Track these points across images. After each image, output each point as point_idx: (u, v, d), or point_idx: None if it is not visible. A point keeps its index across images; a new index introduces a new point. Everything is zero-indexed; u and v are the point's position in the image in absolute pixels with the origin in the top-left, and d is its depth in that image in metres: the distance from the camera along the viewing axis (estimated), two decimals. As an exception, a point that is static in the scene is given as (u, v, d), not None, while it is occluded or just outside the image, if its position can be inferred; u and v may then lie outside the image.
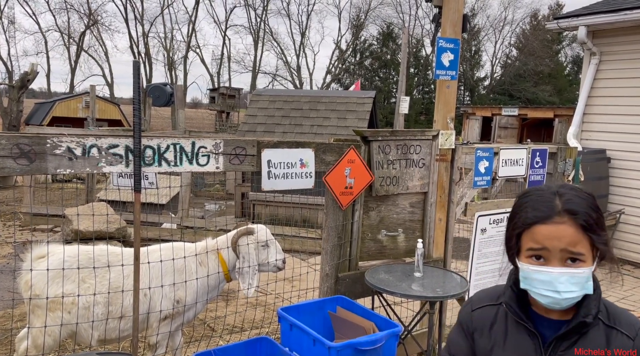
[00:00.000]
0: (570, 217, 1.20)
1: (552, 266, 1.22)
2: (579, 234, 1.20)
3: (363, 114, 9.10)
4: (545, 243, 1.21)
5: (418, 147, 3.59)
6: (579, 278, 1.21)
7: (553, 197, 1.24)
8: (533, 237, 1.23)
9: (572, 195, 1.24)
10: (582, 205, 1.22)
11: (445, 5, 3.60)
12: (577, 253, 1.20)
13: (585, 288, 1.23)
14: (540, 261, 1.24)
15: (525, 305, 1.32)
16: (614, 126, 7.14)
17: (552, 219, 1.21)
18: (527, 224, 1.24)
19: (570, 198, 1.23)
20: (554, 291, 1.21)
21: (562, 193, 1.25)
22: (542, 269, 1.22)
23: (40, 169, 2.34)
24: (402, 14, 40.20)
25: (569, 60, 41.14)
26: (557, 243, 1.20)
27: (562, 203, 1.23)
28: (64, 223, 5.87)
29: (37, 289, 2.78)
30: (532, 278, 1.24)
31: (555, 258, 1.21)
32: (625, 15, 6.52)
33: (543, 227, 1.22)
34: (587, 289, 1.23)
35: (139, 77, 2.60)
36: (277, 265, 3.21)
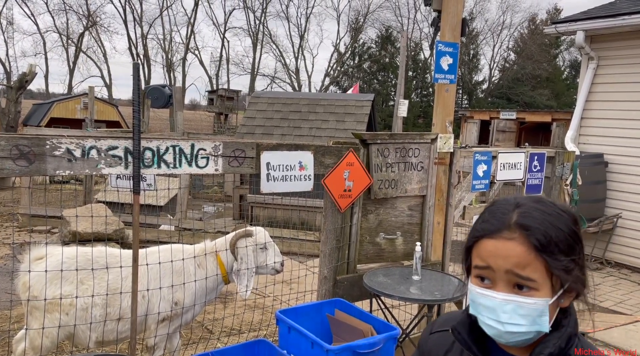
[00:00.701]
0: (522, 233, 0.99)
1: (497, 290, 1.01)
2: (529, 254, 0.98)
3: (362, 117, 9.11)
4: (489, 260, 1.01)
5: (417, 151, 3.60)
6: (527, 309, 0.99)
7: (511, 208, 1.04)
8: (479, 253, 1.04)
9: (532, 208, 1.03)
10: (540, 220, 1.00)
11: (444, 9, 3.62)
12: (526, 278, 0.98)
13: (537, 323, 1.00)
14: (485, 283, 1.03)
15: (483, 334, 1.08)
16: (611, 130, 7.17)
17: (501, 233, 1.01)
18: (475, 237, 1.06)
19: (528, 211, 1.02)
20: (496, 321, 1.01)
21: (521, 204, 1.05)
22: (486, 292, 1.02)
23: (39, 170, 2.34)
24: (400, 17, 40.33)
25: (567, 64, 41.28)
26: (502, 262, 0.99)
27: (517, 215, 1.02)
28: (62, 224, 5.86)
29: (35, 290, 2.78)
30: (478, 302, 1.04)
31: (501, 281, 1.00)
32: (623, 20, 6.55)
33: (489, 242, 1.02)
34: (539, 326, 1.00)
35: (139, 79, 2.61)
36: (275, 268, 3.21)
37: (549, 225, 1.00)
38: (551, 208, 1.04)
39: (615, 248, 7.20)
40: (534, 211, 1.03)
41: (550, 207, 1.04)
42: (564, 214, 1.04)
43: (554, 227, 1.00)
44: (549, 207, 1.04)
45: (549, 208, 1.04)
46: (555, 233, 1.00)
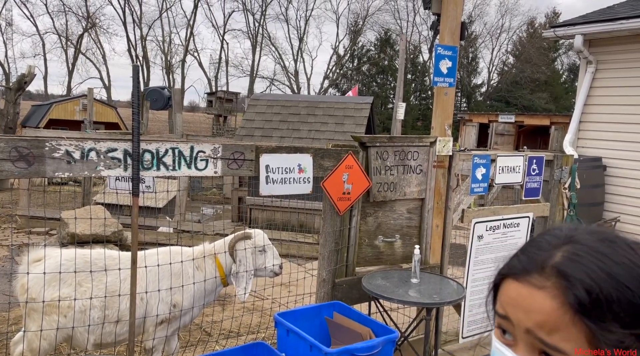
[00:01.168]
0: (559, 281, 0.69)
1: (516, 352, 0.74)
2: (563, 315, 0.68)
3: (361, 119, 9.13)
4: (509, 310, 0.74)
5: (416, 154, 3.61)
6: None
7: (558, 243, 0.74)
8: (500, 296, 0.78)
9: (589, 248, 0.71)
10: (593, 268, 0.68)
11: (443, 12, 3.63)
12: (553, 347, 0.69)
13: None
14: (506, 338, 0.76)
15: None
16: (610, 134, 7.19)
17: (529, 275, 0.73)
18: (500, 274, 0.79)
19: (579, 252, 0.71)
20: None
21: (576, 240, 0.73)
22: (503, 350, 0.76)
23: (38, 172, 2.34)
24: (399, 20, 40.42)
25: (565, 68, 41.41)
26: (523, 317, 0.72)
27: (561, 254, 0.72)
28: (60, 226, 5.85)
29: (33, 292, 2.77)
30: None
31: (522, 341, 0.73)
32: (621, 25, 6.57)
33: (512, 285, 0.75)
34: None
35: (138, 81, 2.61)
36: (274, 270, 3.21)
37: (605, 277, 0.67)
38: (623, 252, 0.70)
39: (613, 251, 7.21)
40: (589, 253, 0.70)
41: (620, 251, 0.71)
42: (629, 264, 0.70)
43: (615, 282, 0.67)
44: (618, 251, 0.71)
45: (619, 252, 0.70)
46: (613, 290, 0.67)
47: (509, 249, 4.04)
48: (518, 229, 4.08)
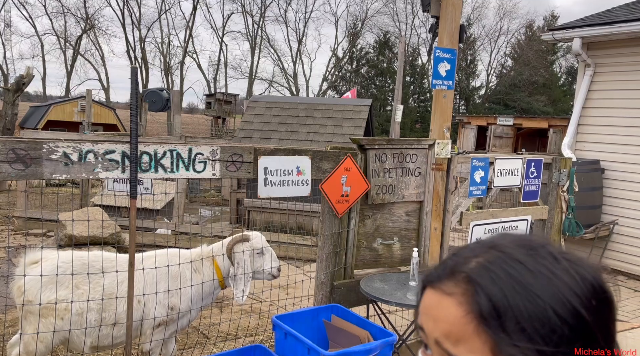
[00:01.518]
0: (467, 288, 0.63)
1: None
2: (467, 323, 0.62)
3: (359, 122, 9.13)
4: (422, 319, 0.69)
5: (414, 156, 3.60)
6: None
7: (480, 250, 0.68)
8: (419, 307, 0.71)
9: (509, 256, 0.64)
10: (506, 276, 0.62)
11: (442, 15, 3.63)
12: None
13: None
14: (427, 353, 0.69)
15: None
16: (608, 137, 7.19)
17: (441, 282, 0.67)
18: (421, 282, 0.72)
19: (497, 260, 0.64)
20: None
21: (499, 247, 0.67)
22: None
23: (35, 174, 2.33)
24: (398, 22, 40.48)
25: (564, 71, 41.52)
26: (432, 327, 0.66)
27: (477, 261, 0.65)
28: (58, 228, 5.83)
29: (29, 295, 2.76)
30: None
31: (434, 354, 0.67)
32: (619, 28, 6.58)
33: (428, 292, 0.69)
34: None
35: (136, 83, 2.61)
36: (272, 273, 3.20)
37: (514, 286, 0.60)
38: (543, 262, 0.63)
39: (611, 254, 7.22)
40: (504, 260, 0.64)
41: (540, 260, 0.63)
42: (572, 280, 0.63)
43: (525, 292, 0.60)
44: (538, 260, 0.63)
45: (538, 261, 0.63)
46: (522, 301, 0.60)
47: (507, 252, 4.03)
48: (516, 232, 4.07)
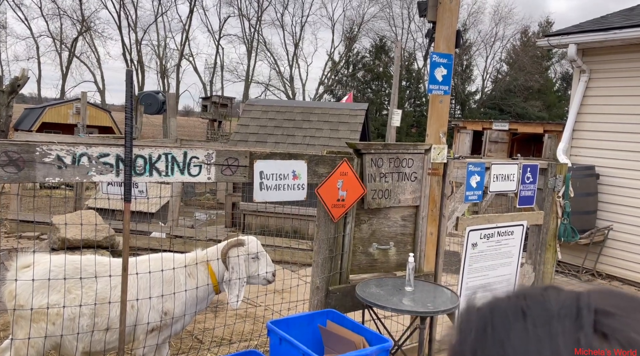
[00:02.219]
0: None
1: None
2: None
3: (355, 126, 9.13)
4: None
5: (410, 161, 3.60)
6: None
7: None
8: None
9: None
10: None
11: (439, 20, 3.63)
12: None
13: None
14: None
15: None
16: (603, 142, 7.22)
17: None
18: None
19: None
20: None
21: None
22: None
23: (28, 177, 2.31)
24: (394, 27, 40.63)
25: (559, 76, 41.76)
26: None
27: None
28: (51, 231, 5.79)
29: (21, 299, 2.73)
30: None
31: None
32: (614, 34, 6.62)
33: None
34: None
35: (132, 85, 2.59)
36: (266, 278, 3.18)
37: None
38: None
39: (606, 260, 7.23)
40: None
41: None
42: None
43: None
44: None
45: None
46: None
47: (503, 257, 4.03)
48: (512, 237, 4.07)
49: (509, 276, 4.09)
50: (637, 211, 6.85)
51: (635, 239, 6.87)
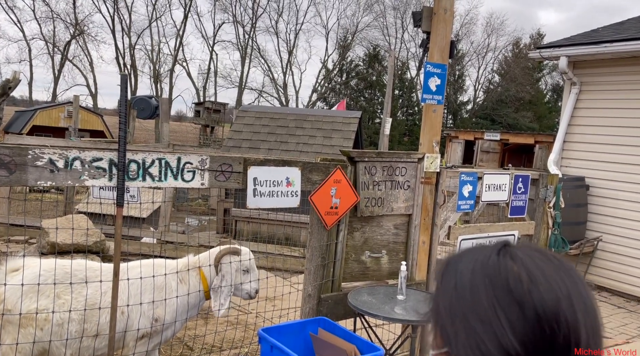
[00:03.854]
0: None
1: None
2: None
3: (349, 133, 9.15)
4: None
5: (404, 170, 3.61)
6: None
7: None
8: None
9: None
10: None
11: (433, 31, 3.67)
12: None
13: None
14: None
15: None
16: (593, 154, 7.30)
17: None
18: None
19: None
20: None
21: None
22: None
23: (20, 180, 2.29)
24: (388, 36, 40.88)
25: (549, 88, 42.24)
26: None
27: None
28: (40, 235, 5.72)
29: (9, 304, 2.69)
30: None
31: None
32: (605, 48, 6.72)
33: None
34: None
35: (126, 90, 2.58)
36: (249, 293, 3.17)
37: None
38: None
39: (595, 271, 7.28)
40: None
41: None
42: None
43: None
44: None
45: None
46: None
47: (494, 266, 4.04)
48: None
49: (500, 285, 4.10)
50: (626, 223, 6.92)
51: (624, 251, 6.94)
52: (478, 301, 0.73)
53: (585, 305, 0.72)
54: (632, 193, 6.82)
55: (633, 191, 6.82)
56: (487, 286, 0.73)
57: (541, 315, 0.69)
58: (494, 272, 0.74)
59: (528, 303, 0.70)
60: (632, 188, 6.83)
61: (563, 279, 0.73)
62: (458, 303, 0.75)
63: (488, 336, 0.70)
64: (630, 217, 6.86)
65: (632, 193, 6.82)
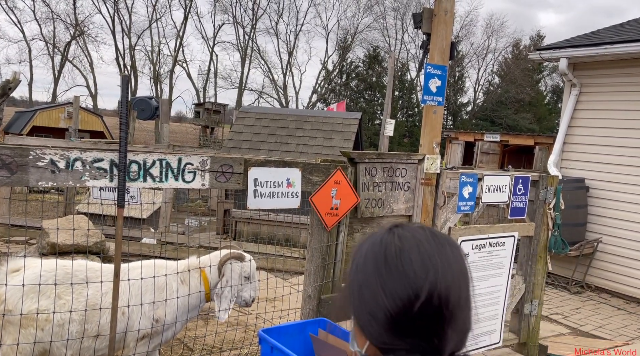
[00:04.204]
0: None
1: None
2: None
3: (349, 135, 9.16)
4: None
5: (404, 171, 3.62)
6: None
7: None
8: None
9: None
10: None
11: (433, 33, 3.67)
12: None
13: None
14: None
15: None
16: (593, 155, 7.31)
17: None
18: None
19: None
20: None
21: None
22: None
23: (21, 181, 2.29)
24: (388, 38, 40.92)
25: (549, 89, 42.26)
26: None
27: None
28: (41, 235, 5.72)
29: (10, 304, 2.69)
30: None
31: None
32: (605, 49, 6.73)
33: None
34: None
35: (127, 91, 2.58)
36: (246, 300, 3.18)
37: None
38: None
39: (595, 272, 7.29)
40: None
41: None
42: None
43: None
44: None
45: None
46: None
47: (494, 268, 4.05)
48: (503, 248, 4.10)
49: (499, 287, 4.11)
50: (625, 224, 6.92)
51: (623, 252, 6.94)
52: (367, 272, 0.91)
53: (452, 274, 0.88)
54: (632, 195, 6.83)
55: (633, 193, 6.82)
56: (372, 259, 0.91)
57: (410, 278, 0.86)
58: (379, 248, 0.92)
59: (398, 269, 0.87)
60: (632, 190, 6.84)
61: (437, 252, 0.89)
62: (356, 277, 0.93)
63: (372, 299, 0.88)
64: (630, 218, 6.86)
65: (632, 195, 6.83)
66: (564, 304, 6.62)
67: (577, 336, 5.51)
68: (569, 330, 5.69)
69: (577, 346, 4.95)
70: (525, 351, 4.44)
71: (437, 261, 0.88)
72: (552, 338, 5.30)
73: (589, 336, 5.51)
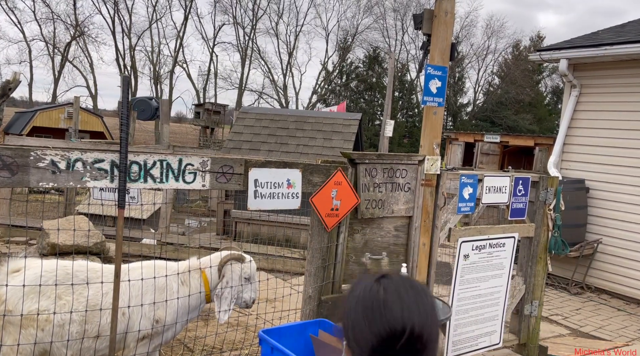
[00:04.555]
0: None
1: None
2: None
3: (349, 135, 9.17)
4: None
5: (404, 172, 3.62)
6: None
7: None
8: None
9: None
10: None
11: (434, 33, 3.68)
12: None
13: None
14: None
15: None
16: (593, 156, 7.32)
17: None
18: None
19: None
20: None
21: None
22: None
23: (22, 181, 2.29)
24: (388, 38, 40.93)
25: (549, 90, 42.28)
26: None
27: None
28: (41, 236, 5.72)
29: (10, 304, 2.69)
30: None
31: None
32: (605, 50, 6.74)
33: None
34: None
35: (128, 92, 2.59)
36: (247, 302, 3.18)
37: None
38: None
39: (595, 273, 7.29)
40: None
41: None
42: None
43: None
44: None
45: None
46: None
47: (494, 269, 4.05)
48: (503, 249, 4.10)
49: (500, 288, 4.11)
50: (625, 225, 6.93)
51: (623, 253, 6.94)
52: (357, 317, 1.19)
53: (426, 316, 1.17)
54: (632, 196, 6.84)
55: (633, 194, 6.83)
56: (362, 305, 1.19)
57: (390, 322, 1.14)
58: (368, 296, 1.20)
59: (382, 316, 1.15)
60: (632, 191, 6.84)
61: (415, 300, 1.17)
62: (349, 316, 1.21)
63: (360, 335, 1.18)
64: (630, 219, 6.87)
65: (632, 196, 6.84)
66: (564, 305, 6.62)
67: (577, 337, 5.51)
68: (569, 331, 5.69)
69: (577, 347, 4.95)
70: (525, 352, 4.44)
71: (414, 309, 1.15)
72: (552, 339, 5.30)
73: (589, 337, 5.52)
